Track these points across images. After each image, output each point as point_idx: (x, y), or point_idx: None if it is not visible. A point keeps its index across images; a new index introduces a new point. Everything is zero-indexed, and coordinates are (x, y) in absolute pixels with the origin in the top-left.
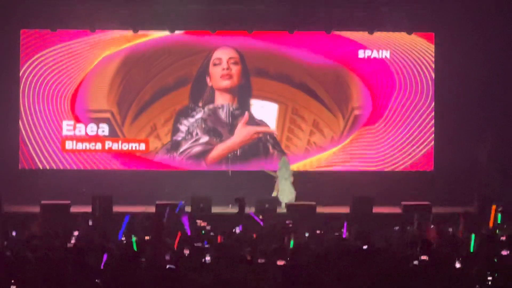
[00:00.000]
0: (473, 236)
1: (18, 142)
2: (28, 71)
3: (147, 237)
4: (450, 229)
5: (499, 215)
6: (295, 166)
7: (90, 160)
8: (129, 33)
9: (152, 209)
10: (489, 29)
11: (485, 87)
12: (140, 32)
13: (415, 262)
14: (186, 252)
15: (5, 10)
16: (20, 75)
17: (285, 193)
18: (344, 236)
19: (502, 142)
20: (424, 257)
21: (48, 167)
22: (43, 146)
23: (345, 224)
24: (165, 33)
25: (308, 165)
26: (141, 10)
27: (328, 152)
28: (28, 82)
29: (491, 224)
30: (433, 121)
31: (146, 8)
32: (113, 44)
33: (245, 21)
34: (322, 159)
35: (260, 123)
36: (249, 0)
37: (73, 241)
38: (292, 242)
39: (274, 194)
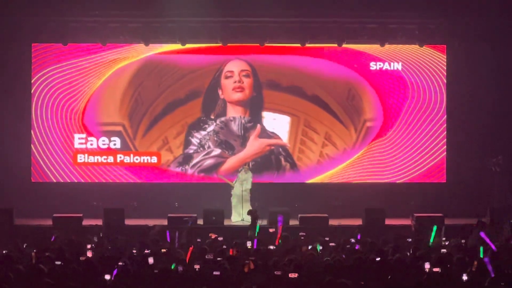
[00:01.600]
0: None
1: (30, 155)
2: (39, 85)
3: (163, 250)
4: (463, 241)
5: None
6: (309, 181)
7: (102, 173)
8: (140, 46)
9: (164, 222)
10: (501, 40)
11: (497, 98)
12: (152, 45)
13: (428, 274)
14: (197, 267)
15: (17, 24)
16: (32, 88)
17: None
18: (356, 248)
19: None
20: (436, 269)
21: (60, 180)
22: (55, 159)
23: (358, 236)
24: (177, 46)
25: (321, 179)
26: (152, 24)
27: (340, 166)
28: (39, 96)
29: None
30: (445, 133)
31: (157, 21)
32: (124, 58)
33: (257, 34)
34: (334, 174)
35: (272, 135)
36: (261, 13)
37: (89, 253)
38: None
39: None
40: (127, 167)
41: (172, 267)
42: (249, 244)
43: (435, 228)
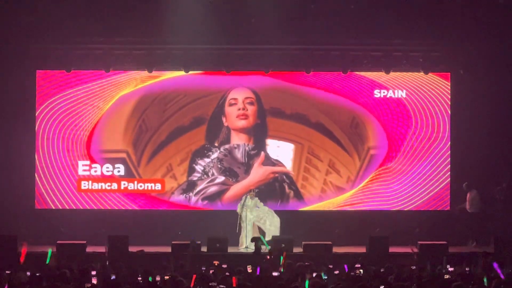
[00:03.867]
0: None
1: (34, 182)
2: (44, 112)
3: (166, 277)
4: (467, 269)
5: None
6: (312, 207)
7: (106, 200)
8: (144, 73)
9: (168, 249)
10: (505, 68)
11: (501, 126)
12: (155, 73)
13: None
14: None
15: (21, 51)
16: (36, 115)
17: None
18: (346, 270)
19: None
20: None
21: (64, 207)
22: (59, 186)
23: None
24: (181, 73)
25: (324, 206)
26: (156, 51)
27: (344, 195)
28: (44, 123)
29: None
30: (449, 160)
31: (161, 48)
32: (128, 85)
33: (261, 62)
34: (338, 201)
35: (276, 163)
36: (265, 40)
37: (94, 280)
38: (307, 282)
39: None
40: (131, 194)
41: None
42: (249, 268)
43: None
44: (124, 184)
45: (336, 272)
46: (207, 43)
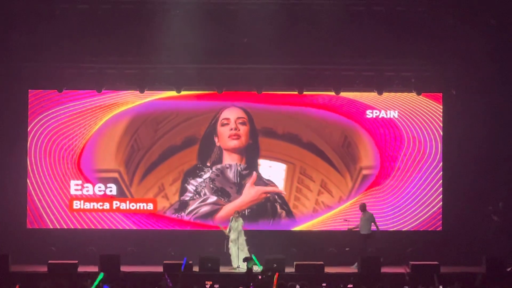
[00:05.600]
0: None
1: (26, 201)
2: (35, 131)
3: None
4: None
5: None
6: (303, 226)
7: (98, 219)
8: (136, 93)
9: (159, 269)
10: (497, 89)
11: (493, 146)
12: (147, 93)
13: None
14: None
15: (14, 70)
16: (28, 135)
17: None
18: None
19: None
20: None
21: (56, 227)
22: (51, 205)
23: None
24: (173, 93)
25: (315, 225)
26: (147, 70)
27: (335, 211)
28: (35, 142)
29: None
30: (441, 181)
31: (153, 67)
32: (120, 104)
33: (253, 82)
34: (329, 218)
35: (268, 183)
36: (257, 60)
37: None
38: None
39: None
40: (123, 214)
41: None
42: None
43: None
44: (116, 203)
45: None
46: (199, 63)
